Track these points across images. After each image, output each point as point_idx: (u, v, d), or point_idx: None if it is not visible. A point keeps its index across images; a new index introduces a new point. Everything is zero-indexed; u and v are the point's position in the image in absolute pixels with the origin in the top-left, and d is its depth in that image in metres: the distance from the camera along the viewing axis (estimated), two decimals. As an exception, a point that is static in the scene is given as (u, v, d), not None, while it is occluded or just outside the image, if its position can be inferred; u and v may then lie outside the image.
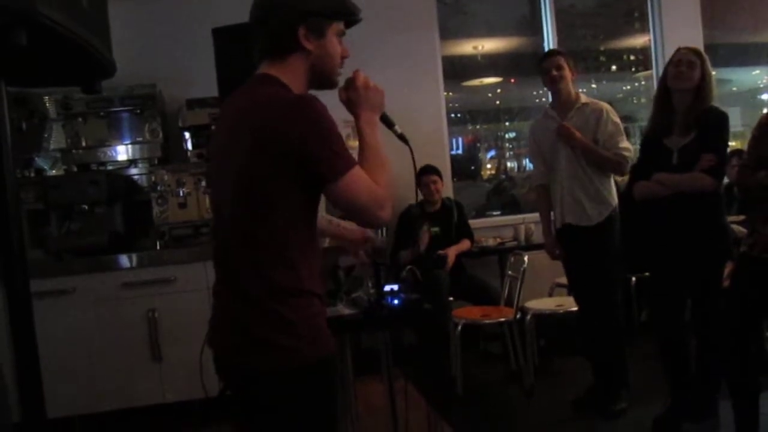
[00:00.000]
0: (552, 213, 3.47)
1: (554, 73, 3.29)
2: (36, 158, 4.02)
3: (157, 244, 3.87)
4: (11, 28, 1.08)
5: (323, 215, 2.00)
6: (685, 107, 2.89)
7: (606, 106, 3.31)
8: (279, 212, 1.39)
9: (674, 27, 5.35)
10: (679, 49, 2.97)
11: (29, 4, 1.05)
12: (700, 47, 3.14)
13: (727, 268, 2.92)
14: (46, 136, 4.00)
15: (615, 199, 3.32)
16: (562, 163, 3.32)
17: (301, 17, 1.44)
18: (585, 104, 3.31)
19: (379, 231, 4.51)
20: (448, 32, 5.22)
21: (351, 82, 1.55)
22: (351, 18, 1.53)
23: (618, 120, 3.30)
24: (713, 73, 2.94)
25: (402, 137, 1.65)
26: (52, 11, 1.09)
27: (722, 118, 2.87)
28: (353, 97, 1.55)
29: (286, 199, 1.39)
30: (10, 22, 1.07)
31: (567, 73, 3.30)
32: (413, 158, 1.65)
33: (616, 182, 3.46)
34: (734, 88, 6.29)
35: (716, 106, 2.90)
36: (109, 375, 3.57)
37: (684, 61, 2.89)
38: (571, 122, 3.29)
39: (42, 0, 1.07)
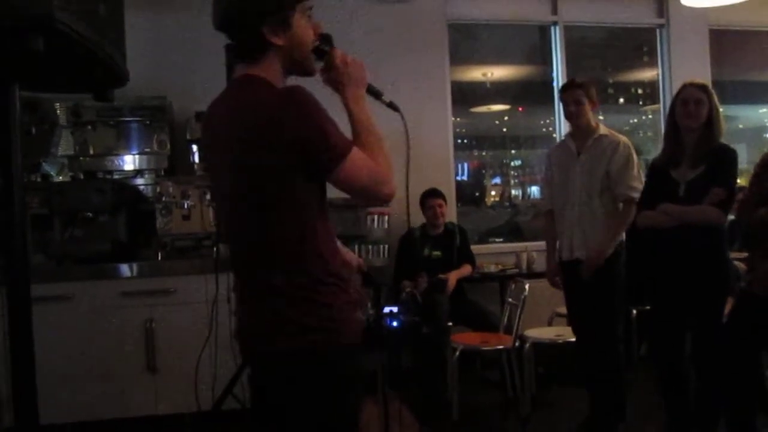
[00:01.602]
0: (557, 242, 3.46)
1: (572, 108, 3.28)
2: (43, 163, 4.04)
3: (159, 254, 3.87)
4: (28, 34, 1.09)
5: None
6: (695, 143, 2.89)
7: (624, 139, 3.28)
8: (294, 204, 1.41)
9: (682, 62, 5.40)
10: (685, 86, 2.97)
11: (47, 10, 1.07)
12: (708, 82, 3.16)
13: (729, 304, 2.91)
14: (54, 142, 4.02)
15: (623, 234, 3.31)
16: (577, 196, 3.30)
17: (261, 18, 1.42)
18: (603, 135, 3.29)
19: (382, 254, 4.54)
20: (459, 58, 5.26)
21: (330, 62, 1.54)
22: None
23: (633, 156, 3.25)
24: (720, 109, 2.96)
25: (392, 105, 1.63)
26: (70, 18, 1.11)
27: (732, 155, 2.88)
28: (335, 75, 1.54)
29: (298, 190, 1.41)
30: (27, 27, 1.09)
31: (586, 106, 3.28)
32: (406, 129, 1.62)
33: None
34: (740, 126, 6.31)
35: (726, 144, 2.91)
36: (103, 383, 3.55)
37: (691, 100, 2.90)
38: (588, 154, 3.28)
39: (60, 7, 1.09)
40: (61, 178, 4.08)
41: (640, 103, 6.03)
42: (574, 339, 3.58)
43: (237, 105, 1.44)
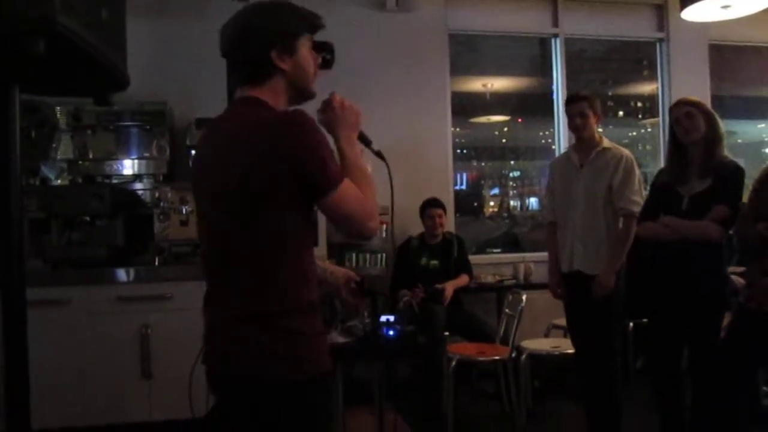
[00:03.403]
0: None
1: (578, 121, 3.29)
2: (42, 167, 4.03)
3: (156, 260, 3.86)
4: (29, 36, 1.09)
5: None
6: (700, 157, 2.90)
7: (627, 153, 3.27)
8: (280, 228, 1.42)
9: (682, 76, 5.42)
10: (675, 105, 3.02)
11: (49, 13, 1.07)
12: (707, 98, 3.20)
13: (726, 318, 2.91)
14: (54, 145, 4.02)
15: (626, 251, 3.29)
16: (578, 208, 3.30)
17: (271, 43, 1.49)
18: (607, 149, 3.30)
19: (379, 263, 4.54)
20: (459, 68, 5.28)
21: (328, 104, 1.60)
22: (315, 26, 1.58)
23: (636, 170, 3.25)
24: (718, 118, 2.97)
25: (379, 154, 1.69)
26: (71, 21, 1.11)
27: (738, 173, 2.87)
28: (331, 118, 1.59)
29: (286, 214, 1.42)
30: (29, 29, 1.09)
31: (591, 119, 3.29)
32: (390, 176, 1.69)
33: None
34: (739, 141, 6.32)
35: (734, 160, 2.92)
36: (97, 389, 3.53)
37: (682, 117, 2.92)
38: (591, 166, 3.29)
39: (62, 10, 1.08)
40: (59, 181, 4.08)
41: (640, 116, 6.05)
42: (570, 351, 3.57)
43: (237, 123, 1.47)
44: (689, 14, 4.13)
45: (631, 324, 4.30)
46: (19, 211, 1.32)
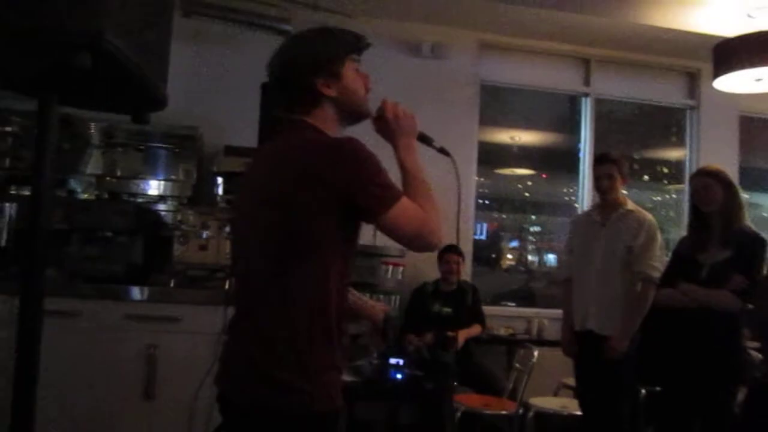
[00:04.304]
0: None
1: (605, 182, 3.29)
2: (71, 179, 4.10)
3: (171, 281, 3.88)
4: (76, 50, 1.12)
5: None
6: (720, 226, 2.89)
7: (650, 218, 3.27)
8: (320, 249, 1.40)
9: (711, 145, 5.41)
10: (695, 174, 3.05)
11: (98, 29, 1.10)
12: (735, 168, 3.18)
13: (741, 393, 2.84)
14: (85, 160, 4.09)
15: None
16: (595, 267, 3.28)
17: (315, 71, 1.49)
18: (630, 211, 3.29)
19: (392, 304, 4.51)
20: (488, 118, 5.32)
21: (381, 113, 1.59)
22: (360, 47, 1.57)
23: (658, 235, 3.24)
24: (743, 194, 2.96)
25: (443, 150, 1.69)
26: (119, 39, 1.14)
27: (758, 243, 2.86)
28: (385, 128, 1.58)
29: (327, 237, 1.40)
30: (76, 44, 1.12)
31: (617, 182, 3.30)
32: (457, 172, 1.68)
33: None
34: (765, 214, 6.26)
35: (756, 231, 2.89)
36: (97, 403, 3.50)
37: (700, 188, 2.93)
38: (612, 227, 3.27)
39: (111, 27, 1.12)
40: (86, 195, 4.13)
41: (665, 181, 6.02)
42: (578, 413, 3.50)
43: (287, 148, 1.47)
44: (721, 84, 4.14)
45: (644, 391, 4.20)
46: (46, 222, 1.34)
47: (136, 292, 3.70)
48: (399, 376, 2.60)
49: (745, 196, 3.00)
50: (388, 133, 1.58)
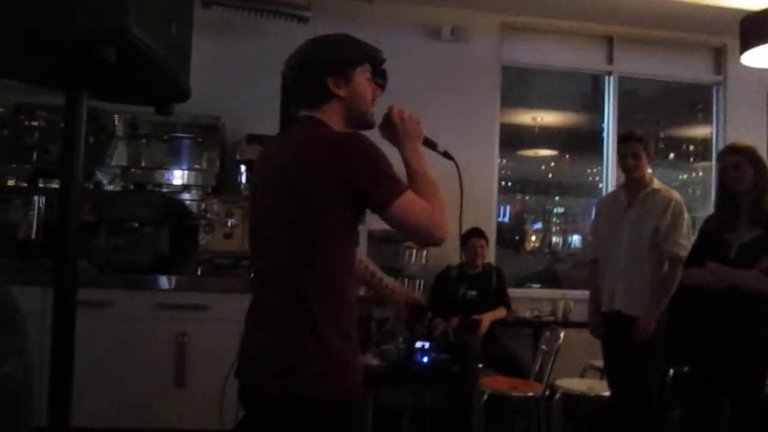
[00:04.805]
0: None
1: (630, 161, 3.24)
2: (97, 172, 4.16)
3: (198, 270, 3.93)
4: (102, 44, 1.14)
5: (365, 262, 1.99)
6: (749, 206, 2.83)
7: (677, 196, 3.22)
8: (330, 242, 1.46)
9: (738, 122, 5.30)
10: (722, 152, 2.97)
11: (123, 23, 1.11)
12: (764, 144, 3.11)
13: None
14: (110, 152, 4.15)
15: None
16: (622, 247, 3.25)
17: (327, 70, 1.57)
18: (656, 190, 3.25)
19: (417, 288, 4.52)
20: (509, 100, 5.27)
21: (387, 118, 1.64)
22: (374, 60, 1.64)
23: (685, 214, 3.20)
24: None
25: (446, 154, 1.74)
26: (143, 33, 1.15)
27: None
28: (392, 132, 1.63)
29: (337, 228, 1.46)
30: (102, 38, 1.14)
31: (643, 161, 3.24)
32: (460, 176, 1.73)
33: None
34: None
35: None
36: (130, 393, 3.58)
37: (729, 167, 2.86)
38: (639, 207, 3.24)
39: (135, 21, 1.13)
40: (112, 187, 4.20)
41: (691, 159, 5.93)
42: (606, 393, 3.49)
43: (298, 143, 1.53)
44: (749, 59, 4.04)
45: (671, 371, 4.17)
46: (77, 214, 1.36)
47: (164, 282, 3.76)
48: (425, 359, 2.61)
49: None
50: (395, 138, 1.64)
